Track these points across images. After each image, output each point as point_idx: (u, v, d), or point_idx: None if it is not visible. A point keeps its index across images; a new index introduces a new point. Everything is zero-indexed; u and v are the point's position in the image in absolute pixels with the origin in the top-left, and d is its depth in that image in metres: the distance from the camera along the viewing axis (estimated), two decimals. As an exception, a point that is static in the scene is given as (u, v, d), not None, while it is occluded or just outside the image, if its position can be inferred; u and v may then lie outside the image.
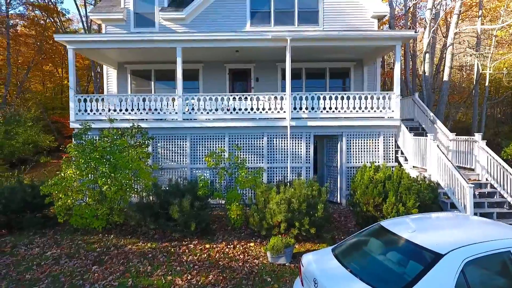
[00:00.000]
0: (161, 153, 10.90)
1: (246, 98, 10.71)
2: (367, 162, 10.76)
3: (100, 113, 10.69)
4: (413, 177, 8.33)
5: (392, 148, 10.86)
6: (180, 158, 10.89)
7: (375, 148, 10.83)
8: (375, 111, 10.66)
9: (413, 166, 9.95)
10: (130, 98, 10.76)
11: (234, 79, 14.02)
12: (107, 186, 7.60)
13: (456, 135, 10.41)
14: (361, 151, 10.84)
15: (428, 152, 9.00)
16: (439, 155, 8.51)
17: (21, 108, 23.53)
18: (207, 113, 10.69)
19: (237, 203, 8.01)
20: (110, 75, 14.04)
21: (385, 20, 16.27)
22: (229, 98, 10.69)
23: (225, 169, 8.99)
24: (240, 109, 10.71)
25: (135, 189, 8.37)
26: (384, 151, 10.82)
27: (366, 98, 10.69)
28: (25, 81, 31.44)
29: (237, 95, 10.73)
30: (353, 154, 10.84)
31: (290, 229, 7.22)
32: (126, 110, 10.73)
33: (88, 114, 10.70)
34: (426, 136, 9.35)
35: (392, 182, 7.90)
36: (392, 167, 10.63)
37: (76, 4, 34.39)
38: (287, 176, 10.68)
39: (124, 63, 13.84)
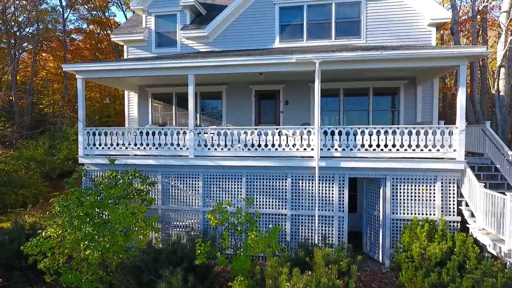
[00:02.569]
0: (172, 193, 9.70)
1: (266, 133, 9.06)
2: (418, 213, 8.49)
3: (109, 148, 9.82)
4: (484, 257, 6.01)
5: (454, 197, 8.41)
6: (192, 199, 9.59)
7: (430, 196, 8.48)
8: (430, 149, 8.32)
9: (483, 229, 7.46)
10: (139, 131, 9.72)
11: (260, 101, 12.43)
12: (90, 250, 6.49)
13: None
14: (411, 200, 8.56)
15: (508, 218, 6.52)
16: (525, 227, 6.05)
17: (64, 125, 24.39)
18: (222, 149, 9.25)
19: (241, 278, 6.39)
20: (132, 99, 13.32)
21: (446, 25, 13.43)
22: (247, 133, 9.13)
23: (234, 226, 7.43)
24: (259, 145, 9.09)
25: (127, 250, 7.17)
26: (442, 200, 8.42)
27: (418, 133, 8.40)
28: (78, 92, 33.07)
29: (255, 129, 9.13)
30: (400, 203, 8.60)
31: (304, 328, 5.44)
32: (135, 144, 9.72)
33: (97, 148, 9.89)
34: (504, 191, 6.89)
35: (452, 266, 5.69)
36: (453, 223, 8.27)
37: (126, 17, 35.65)
38: (315, 229, 8.81)
39: (145, 86, 13.01)
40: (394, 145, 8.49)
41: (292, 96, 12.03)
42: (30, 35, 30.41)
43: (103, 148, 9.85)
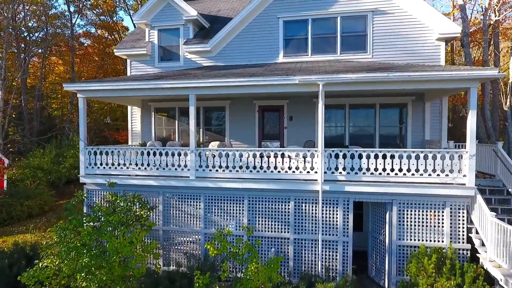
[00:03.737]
0: (173, 213, 9.56)
1: (268, 154, 8.85)
2: (426, 240, 8.18)
3: (110, 167, 9.73)
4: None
5: (463, 224, 8.09)
6: (193, 221, 9.44)
7: (438, 222, 8.17)
8: (438, 174, 8.01)
9: (494, 261, 7.13)
10: (140, 151, 9.60)
11: (264, 116, 12.21)
12: (87, 282, 6.37)
13: None
14: (418, 226, 8.26)
15: (520, 254, 6.20)
16: (540, 266, 5.72)
17: (71, 131, 24.61)
18: (223, 170, 9.07)
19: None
20: (135, 113, 13.23)
21: (456, 38, 13.01)
22: (249, 155, 8.93)
23: (234, 255, 7.24)
24: (261, 167, 8.89)
25: (125, 279, 7.05)
26: (451, 227, 8.10)
27: (425, 157, 8.09)
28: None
29: (257, 151, 8.93)
30: (407, 228, 8.31)
31: None
32: (136, 164, 9.60)
33: (98, 168, 9.80)
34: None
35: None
36: (462, 251, 7.95)
37: (134, 24, 35.87)
38: (318, 254, 8.56)
39: (148, 101, 12.92)
40: (400, 169, 8.20)
41: (296, 111, 11.78)
42: (40, 40, 30.72)
43: (104, 167, 9.76)
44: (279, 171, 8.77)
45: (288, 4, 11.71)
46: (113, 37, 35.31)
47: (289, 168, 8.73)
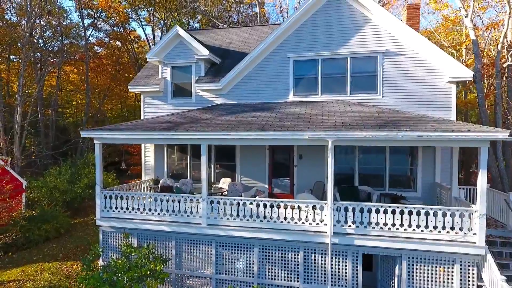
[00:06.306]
0: (185, 257, 9.81)
1: (278, 205, 9.01)
2: (436, 295, 8.21)
3: (124, 211, 10.05)
4: None
5: (473, 281, 8.07)
6: (205, 266, 9.66)
7: (448, 279, 8.18)
8: (448, 232, 8.02)
9: (505, 326, 7.12)
10: (153, 197, 9.89)
11: (274, 154, 12.37)
12: None
13: None
14: (428, 281, 8.28)
15: (530, 330, 6.20)
16: None
17: (86, 147, 25.26)
18: (234, 219, 9.27)
19: None
20: (148, 148, 13.57)
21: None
22: (259, 204, 9.11)
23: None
24: (271, 217, 9.05)
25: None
26: (460, 284, 8.10)
27: (435, 214, 8.11)
28: (101, 107, 34.39)
29: (268, 201, 9.10)
30: (417, 283, 8.34)
31: None
32: (150, 209, 9.89)
33: (113, 211, 10.14)
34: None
35: None
36: (473, 312, 7.93)
37: (145, 33, 36.49)
38: (327, 306, 8.68)
39: (161, 136, 13.22)
40: (410, 225, 8.25)
41: (306, 150, 11.91)
42: (56, 50, 31.49)
43: (119, 211, 10.08)
44: (288, 222, 8.92)
45: (298, 44, 11.86)
46: (126, 48, 36.05)
47: (299, 219, 8.87)
